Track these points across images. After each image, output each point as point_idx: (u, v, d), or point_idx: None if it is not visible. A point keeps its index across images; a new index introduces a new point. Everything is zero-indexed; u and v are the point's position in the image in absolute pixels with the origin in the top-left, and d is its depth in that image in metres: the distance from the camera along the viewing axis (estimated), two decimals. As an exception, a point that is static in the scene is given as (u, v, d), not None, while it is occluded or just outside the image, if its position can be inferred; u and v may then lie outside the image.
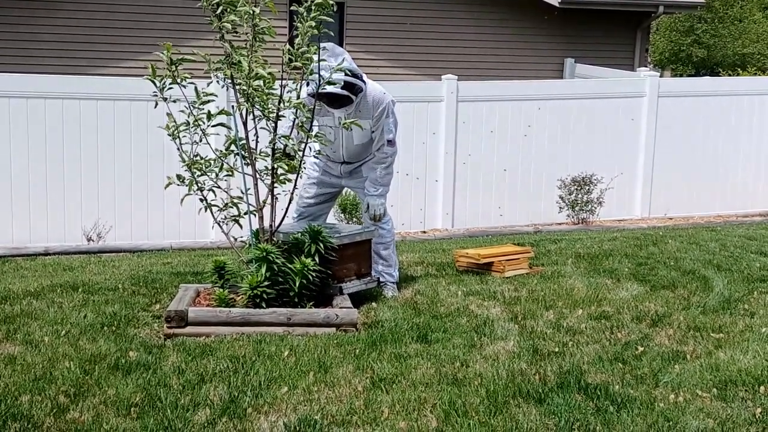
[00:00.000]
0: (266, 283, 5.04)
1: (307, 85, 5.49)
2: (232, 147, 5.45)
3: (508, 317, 5.32)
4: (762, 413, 3.77)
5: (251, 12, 5.16)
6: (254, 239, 5.41)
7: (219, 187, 5.49)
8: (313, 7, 5.17)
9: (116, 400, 3.88)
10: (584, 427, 3.63)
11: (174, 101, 5.27)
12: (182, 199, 5.58)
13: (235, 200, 5.50)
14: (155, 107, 5.39)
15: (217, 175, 5.47)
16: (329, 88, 5.38)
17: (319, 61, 5.23)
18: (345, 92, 5.53)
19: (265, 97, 5.25)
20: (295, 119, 5.45)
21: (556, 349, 4.66)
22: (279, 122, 5.40)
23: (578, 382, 4.12)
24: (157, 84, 5.31)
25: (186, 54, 5.29)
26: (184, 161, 5.43)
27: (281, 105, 5.30)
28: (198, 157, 5.45)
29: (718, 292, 5.92)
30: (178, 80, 5.30)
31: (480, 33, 13.92)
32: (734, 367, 4.34)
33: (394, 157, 5.99)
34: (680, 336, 4.92)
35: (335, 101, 5.60)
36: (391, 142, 5.89)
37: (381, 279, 5.97)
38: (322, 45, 5.25)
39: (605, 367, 4.36)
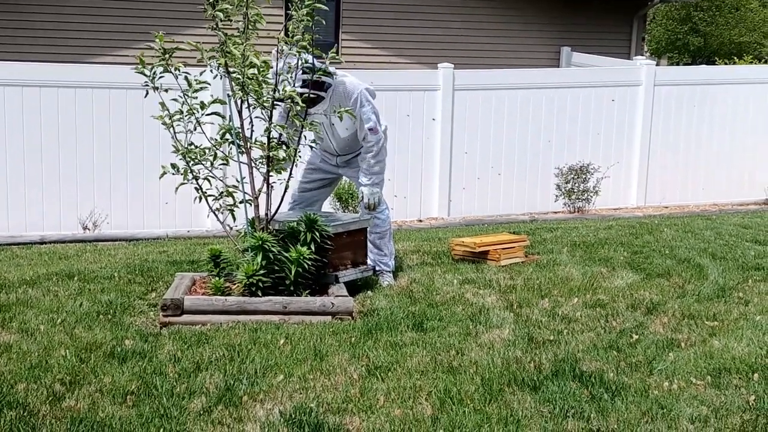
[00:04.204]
0: (262, 271, 5.04)
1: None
2: (227, 136, 5.45)
3: (503, 305, 5.34)
4: (756, 400, 3.79)
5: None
6: (250, 228, 5.41)
7: (214, 176, 5.49)
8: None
9: (112, 388, 3.88)
10: (579, 415, 3.64)
11: (166, 90, 5.25)
12: (177, 188, 5.57)
13: (231, 189, 5.50)
14: (146, 96, 5.38)
15: (212, 163, 5.47)
16: (293, 89, 5.33)
17: (308, 54, 5.22)
18: (307, 90, 5.46)
19: (258, 86, 5.24)
20: (289, 108, 5.43)
21: (551, 337, 4.68)
22: (274, 111, 5.39)
23: (573, 369, 4.13)
24: (148, 73, 5.29)
25: (179, 42, 5.27)
26: (178, 150, 5.42)
27: (275, 94, 5.29)
28: (192, 146, 5.44)
29: (713, 280, 5.93)
30: (171, 69, 5.29)
31: (476, 21, 13.88)
32: (728, 355, 4.36)
33: (382, 145, 5.94)
34: (675, 324, 4.93)
35: (306, 100, 5.52)
36: (372, 130, 5.84)
37: (377, 268, 5.97)
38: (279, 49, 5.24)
39: (600, 355, 4.38)
